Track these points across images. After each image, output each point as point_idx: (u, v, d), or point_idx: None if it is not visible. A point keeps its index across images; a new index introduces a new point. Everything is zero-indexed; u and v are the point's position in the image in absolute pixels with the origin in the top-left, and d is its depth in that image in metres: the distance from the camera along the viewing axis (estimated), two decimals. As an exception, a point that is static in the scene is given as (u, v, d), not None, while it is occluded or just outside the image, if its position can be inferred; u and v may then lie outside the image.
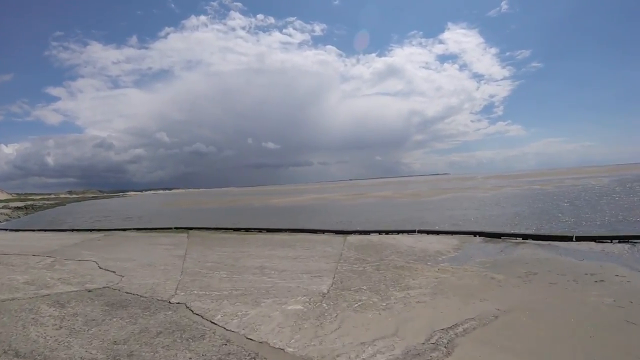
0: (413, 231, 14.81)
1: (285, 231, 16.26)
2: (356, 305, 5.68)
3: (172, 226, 19.39)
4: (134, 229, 19.66)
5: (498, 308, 5.33)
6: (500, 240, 11.78)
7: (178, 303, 6.02)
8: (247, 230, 17.19)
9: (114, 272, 8.56)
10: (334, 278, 7.50)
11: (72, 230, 21.27)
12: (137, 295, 6.55)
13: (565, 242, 10.35)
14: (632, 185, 42.25)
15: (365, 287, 6.69)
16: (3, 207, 58.56)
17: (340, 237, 14.40)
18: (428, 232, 14.51)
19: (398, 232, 15.04)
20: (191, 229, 18.13)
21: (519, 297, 5.91)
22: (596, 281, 6.50)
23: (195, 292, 6.71)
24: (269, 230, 16.87)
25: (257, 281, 7.43)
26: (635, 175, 68.71)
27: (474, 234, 13.34)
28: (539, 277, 7.01)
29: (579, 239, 10.45)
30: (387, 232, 15.17)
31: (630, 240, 9.81)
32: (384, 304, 5.70)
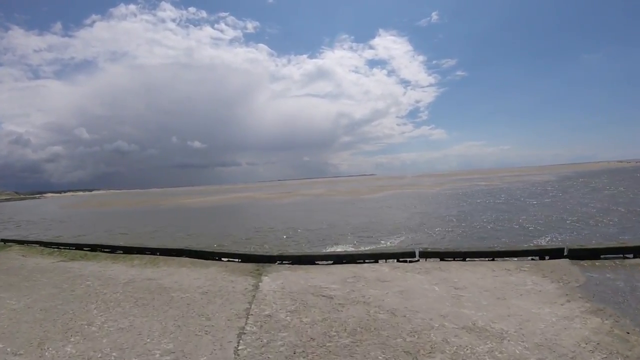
0: (413, 254, 7.19)
1: (147, 252, 9.59)
2: None
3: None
4: None
5: None
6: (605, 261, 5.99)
7: None
8: (93, 249, 10.68)
9: None
10: None
11: None
12: None
13: None
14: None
15: None
16: None
17: (245, 279, 6.17)
18: (454, 257, 6.94)
19: (381, 257, 7.32)
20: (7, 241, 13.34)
21: None
22: None
23: None
24: (125, 251, 10.04)
25: None
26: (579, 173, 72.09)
27: (548, 253, 6.40)
28: None
29: None
30: (357, 259, 7.32)
31: None
32: None
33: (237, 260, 7.84)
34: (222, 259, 8.09)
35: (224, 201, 44.76)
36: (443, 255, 7.06)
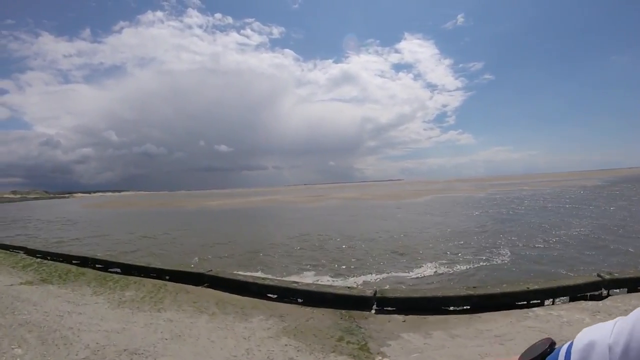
0: (597, 285, 3.92)
1: (151, 274, 6.44)
2: None
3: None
4: None
5: None
6: None
7: None
8: (83, 262, 7.90)
9: None
10: None
11: None
12: None
13: None
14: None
15: None
16: None
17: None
18: None
19: (557, 293, 3.86)
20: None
21: None
22: None
23: None
24: (123, 270, 7.02)
25: None
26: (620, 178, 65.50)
27: None
28: None
29: None
30: (520, 298, 3.87)
31: None
32: None
33: (297, 300, 4.42)
34: (269, 294, 4.68)
35: (257, 204, 41.97)
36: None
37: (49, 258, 8.97)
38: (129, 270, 6.73)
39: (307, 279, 7.88)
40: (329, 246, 11.83)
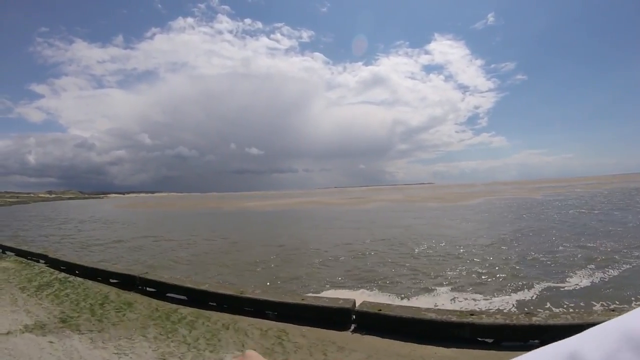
0: None
1: (189, 301, 4.79)
2: None
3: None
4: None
5: None
6: None
7: None
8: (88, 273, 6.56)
9: None
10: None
11: None
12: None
13: None
14: None
15: None
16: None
17: None
18: None
19: None
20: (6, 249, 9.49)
21: None
22: None
23: None
24: (141, 284, 5.65)
25: None
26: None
27: None
28: None
29: None
30: None
31: None
32: None
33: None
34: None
35: (301, 206, 40.10)
36: None
37: (77, 272, 6.78)
38: (202, 298, 4.76)
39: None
40: (436, 255, 9.42)
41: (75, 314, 4.20)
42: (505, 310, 5.17)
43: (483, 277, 7.26)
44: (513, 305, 5.61)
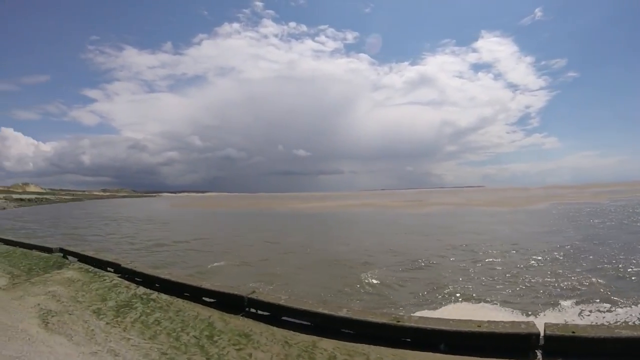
0: None
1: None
2: None
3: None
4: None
5: None
6: None
7: None
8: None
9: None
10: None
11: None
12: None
13: None
14: None
15: None
16: (4, 198, 61.34)
17: None
18: None
19: None
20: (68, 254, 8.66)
21: None
22: None
23: None
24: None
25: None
26: None
27: None
28: None
29: None
30: None
31: None
32: None
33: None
34: None
35: (358, 208, 40.99)
36: None
37: (157, 286, 5.64)
38: (337, 325, 4.10)
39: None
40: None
41: (182, 356, 3.18)
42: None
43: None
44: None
